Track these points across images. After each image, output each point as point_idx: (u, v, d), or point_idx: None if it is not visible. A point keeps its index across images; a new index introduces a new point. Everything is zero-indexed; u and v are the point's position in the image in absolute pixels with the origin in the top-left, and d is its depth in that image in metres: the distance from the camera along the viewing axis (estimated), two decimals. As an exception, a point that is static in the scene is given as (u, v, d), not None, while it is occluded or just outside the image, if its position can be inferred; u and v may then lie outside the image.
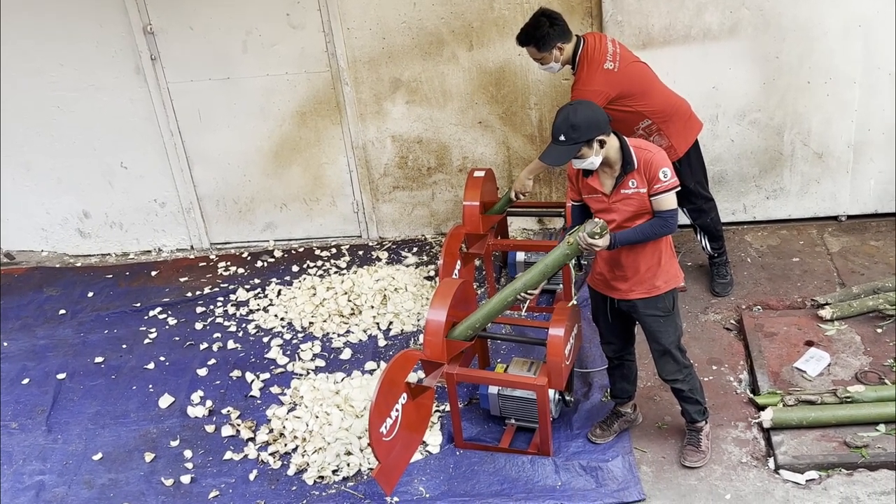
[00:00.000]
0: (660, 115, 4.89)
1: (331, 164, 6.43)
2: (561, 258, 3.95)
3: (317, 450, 4.54)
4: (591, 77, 4.76)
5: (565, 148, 3.72)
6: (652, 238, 3.82)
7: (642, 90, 4.85)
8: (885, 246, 5.64)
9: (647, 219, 3.81)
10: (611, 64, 4.76)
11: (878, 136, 5.69)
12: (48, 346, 5.78)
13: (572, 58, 4.84)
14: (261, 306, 5.95)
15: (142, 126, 6.43)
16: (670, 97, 4.98)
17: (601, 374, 4.78)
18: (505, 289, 4.19)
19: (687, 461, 4.21)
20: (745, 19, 5.46)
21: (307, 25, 5.97)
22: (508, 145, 6.18)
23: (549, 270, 4.01)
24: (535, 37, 4.77)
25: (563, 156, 3.74)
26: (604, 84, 4.73)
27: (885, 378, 4.46)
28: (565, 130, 3.69)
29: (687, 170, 5.05)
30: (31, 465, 4.76)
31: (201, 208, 6.72)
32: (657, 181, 3.72)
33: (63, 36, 6.16)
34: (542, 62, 4.88)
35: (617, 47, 4.85)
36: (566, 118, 3.70)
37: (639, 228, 3.81)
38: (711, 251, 5.40)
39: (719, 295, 5.37)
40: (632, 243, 3.82)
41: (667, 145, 4.88)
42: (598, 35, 4.90)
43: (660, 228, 3.80)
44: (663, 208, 3.77)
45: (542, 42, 4.76)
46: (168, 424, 4.95)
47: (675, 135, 4.96)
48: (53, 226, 6.93)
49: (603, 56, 4.77)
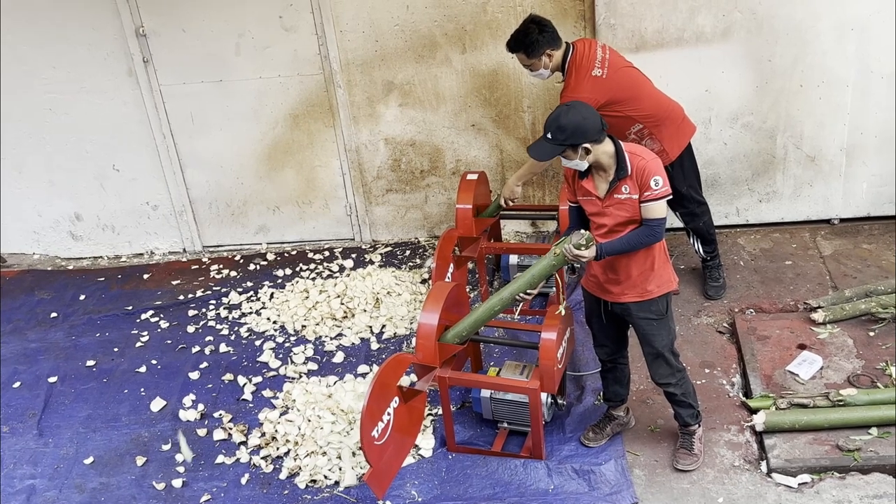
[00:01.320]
0: (651, 119, 4.89)
1: (324, 166, 6.42)
2: (547, 269, 3.96)
3: (309, 453, 4.52)
4: (579, 84, 4.77)
5: (549, 146, 3.76)
6: (639, 247, 3.81)
7: (632, 95, 4.85)
8: (877, 249, 5.64)
9: (639, 225, 3.81)
10: (599, 71, 4.77)
11: (871, 139, 5.69)
12: (39, 350, 5.75)
13: (562, 64, 4.85)
14: (253, 309, 5.93)
15: (134, 129, 6.41)
16: (662, 101, 4.98)
17: (594, 377, 4.78)
18: (492, 297, 4.19)
19: (679, 464, 4.21)
20: (738, 22, 5.46)
21: (300, 28, 5.96)
22: (502, 148, 6.17)
23: (536, 281, 4.02)
24: (524, 43, 4.78)
25: (546, 152, 3.79)
26: (592, 91, 4.73)
27: (878, 381, 4.46)
28: (553, 130, 3.72)
29: (679, 174, 5.05)
30: (21, 469, 4.73)
31: (194, 211, 6.70)
32: (648, 189, 3.72)
33: (55, 38, 6.14)
34: (532, 69, 4.89)
35: (606, 53, 4.85)
36: (556, 117, 3.73)
37: (625, 238, 3.81)
38: (704, 254, 5.40)
39: (712, 298, 5.37)
40: (619, 253, 3.82)
41: (659, 149, 4.89)
42: (587, 41, 4.91)
43: (646, 237, 3.79)
44: (651, 216, 3.76)
45: (531, 48, 4.77)
46: (160, 428, 4.92)
47: (668, 139, 4.96)
48: (45, 228, 6.91)
49: (591, 63, 4.78)
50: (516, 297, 4.08)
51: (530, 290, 4.05)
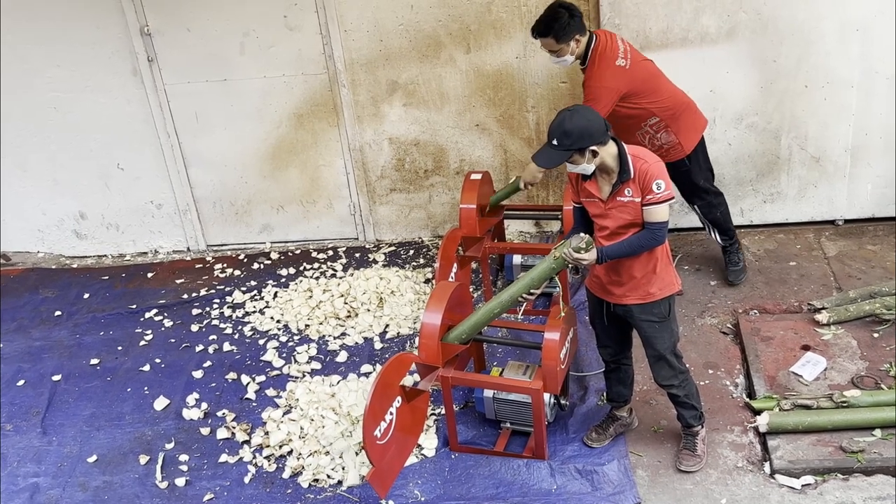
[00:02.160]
0: (668, 112, 4.91)
1: (328, 166, 6.42)
2: (546, 272, 3.98)
3: (312, 453, 4.53)
4: (603, 73, 4.75)
5: (556, 153, 3.72)
6: (641, 251, 3.80)
7: (651, 88, 4.86)
8: (882, 250, 5.63)
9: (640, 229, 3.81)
10: (623, 61, 4.76)
11: (876, 140, 5.68)
12: (44, 348, 5.77)
13: (584, 53, 4.83)
14: (257, 308, 5.94)
15: (139, 128, 6.42)
16: (677, 95, 4.99)
17: (597, 377, 4.78)
18: (492, 300, 4.20)
19: (683, 465, 4.20)
20: (743, 23, 5.45)
21: (304, 27, 5.96)
22: (506, 148, 6.17)
23: (535, 284, 4.04)
24: (553, 28, 4.72)
25: (553, 159, 3.76)
26: (615, 79, 4.73)
27: (882, 383, 4.46)
28: (558, 136, 3.69)
29: (696, 167, 5.08)
30: (25, 468, 4.74)
31: (198, 210, 6.71)
32: (650, 192, 3.70)
33: (60, 37, 6.15)
34: (559, 54, 4.82)
35: (627, 45, 4.86)
36: (560, 123, 3.69)
37: (627, 242, 3.80)
38: (722, 242, 5.43)
39: (733, 283, 5.39)
40: (621, 257, 3.82)
41: (675, 142, 4.90)
42: (608, 32, 4.90)
43: (648, 241, 3.78)
44: (653, 220, 3.75)
45: (561, 32, 4.71)
46: (163, 427, 4.93)
47: (683, 132, 4.97)
48: (50, 227, 6.92)
49: (615, 53, 4.77)
50: (517, 299, 4.09)
51: (533, 290, 4.05)
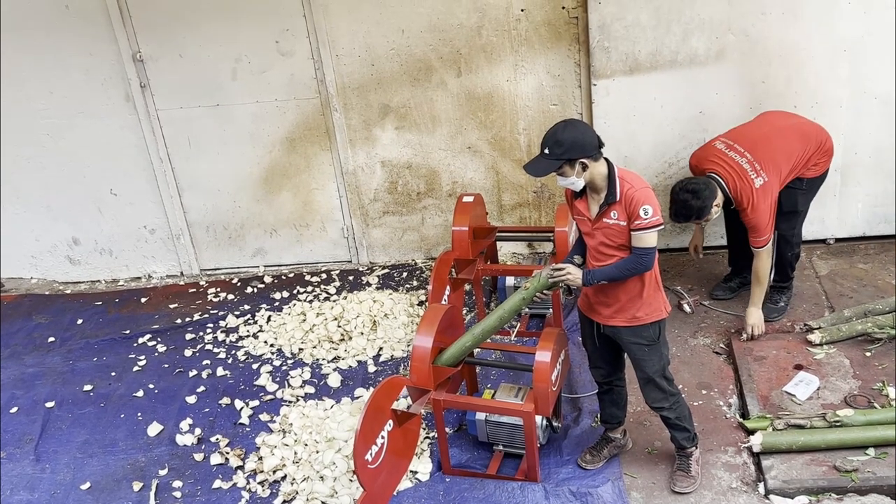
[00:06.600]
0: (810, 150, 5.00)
1: (320, 189, 6.44)
2: (518, 303, 4.06)
3: (305, 478, 4.51)
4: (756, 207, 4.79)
5: (547, 162, 3.72)
6: (628, 275, 3.80)
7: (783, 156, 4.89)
8: (873, 269, 5.64)
9: (628, 252, 3.81)
10: (755, 175, 4.79)
11: (865, 159, 5.71)
12: (37, 374, 5.75)
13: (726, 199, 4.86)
14: (250, 332, 5.93)
15: (131, 153, 6.44)
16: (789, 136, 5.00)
17: (591, 398, 4.77)
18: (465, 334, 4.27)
19: (677, 486, 4.19)
20: (732, 44, 5.49)
21: (296, 52, 5.99)
22: (497, 170, 6.19)
23: (507, 316, 4.12)
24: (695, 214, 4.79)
25: (543, 168, 3.74)
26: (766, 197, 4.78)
27: (874, 402, 4.45)
28: (550, 145, 3.70)
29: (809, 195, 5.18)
30: (18, 495, 4.71)
31: (191, 234, 6.72)
32: (637, 217, 3.69)
33: (53, 64, 6.18)
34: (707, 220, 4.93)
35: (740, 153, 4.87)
36: (554, 133, 3.70)
37: (614, 266, 3.80)
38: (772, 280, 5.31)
39: (768, 319, 5.20)
40: (607, 280, 3.83)
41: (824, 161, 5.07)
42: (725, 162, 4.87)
43: (634, 266, 3.77)
44: (640, 245, 3.74)
45: (702, 211, 4.77)
46: (157, 453, 4.91)
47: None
48: (43, 253, 6.92)
49: (748, 182, 4.78)
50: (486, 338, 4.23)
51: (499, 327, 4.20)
